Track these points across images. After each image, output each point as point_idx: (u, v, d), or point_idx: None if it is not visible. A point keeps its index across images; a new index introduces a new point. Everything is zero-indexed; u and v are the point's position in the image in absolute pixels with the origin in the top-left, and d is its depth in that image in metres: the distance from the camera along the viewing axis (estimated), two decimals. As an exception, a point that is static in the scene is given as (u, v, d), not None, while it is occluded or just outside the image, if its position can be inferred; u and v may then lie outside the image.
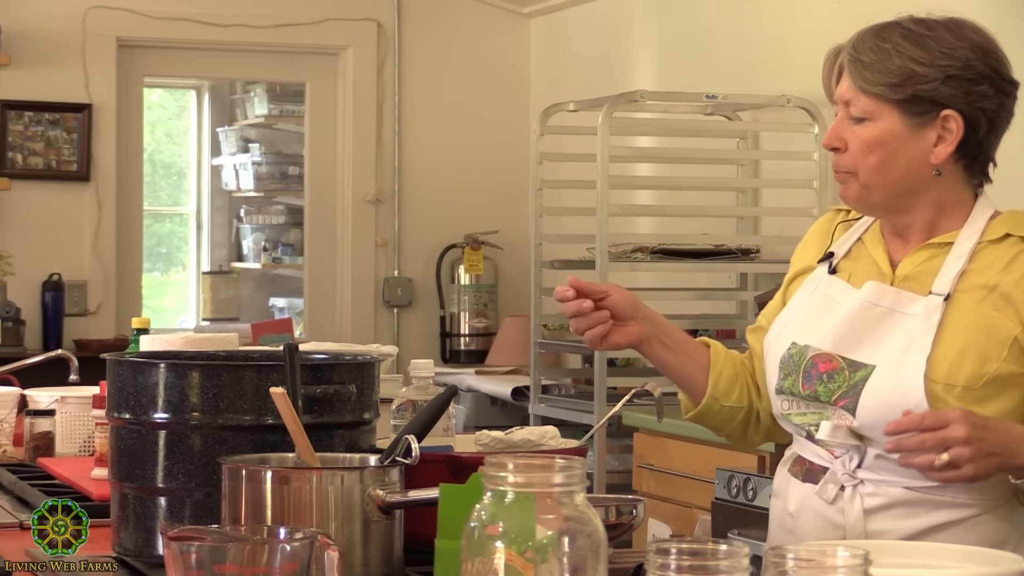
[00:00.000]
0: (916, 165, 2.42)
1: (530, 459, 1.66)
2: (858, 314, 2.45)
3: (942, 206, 2.46)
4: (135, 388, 2.44)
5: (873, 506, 2.40)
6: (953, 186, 2.45)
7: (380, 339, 7.38)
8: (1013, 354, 2.36)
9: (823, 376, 2.44)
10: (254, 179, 9.44)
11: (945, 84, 2.38)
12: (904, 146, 2.41)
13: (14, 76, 7.15)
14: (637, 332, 2.55)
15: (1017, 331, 2.36)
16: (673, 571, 1.50)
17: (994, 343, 2.36)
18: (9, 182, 7.12)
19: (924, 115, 2.40)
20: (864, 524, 2.39)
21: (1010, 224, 2.43)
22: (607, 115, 5.62)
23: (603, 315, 2.51)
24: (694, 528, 4.88)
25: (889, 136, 2.41)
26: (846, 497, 2.42)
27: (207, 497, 2.37)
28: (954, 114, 2.39)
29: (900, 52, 2.39)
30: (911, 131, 2.41)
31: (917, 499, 2.38)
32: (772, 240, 6.03)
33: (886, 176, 2.43)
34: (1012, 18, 4.63)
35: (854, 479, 2.42)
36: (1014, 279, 2.39)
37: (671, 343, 2.61)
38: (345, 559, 2.06)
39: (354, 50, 7.66)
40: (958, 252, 2.42)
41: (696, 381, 2.64)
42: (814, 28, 5.60)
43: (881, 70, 2.39)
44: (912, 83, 2.38)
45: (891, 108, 2.40)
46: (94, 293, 7.31)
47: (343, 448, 2.43)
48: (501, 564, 1.59)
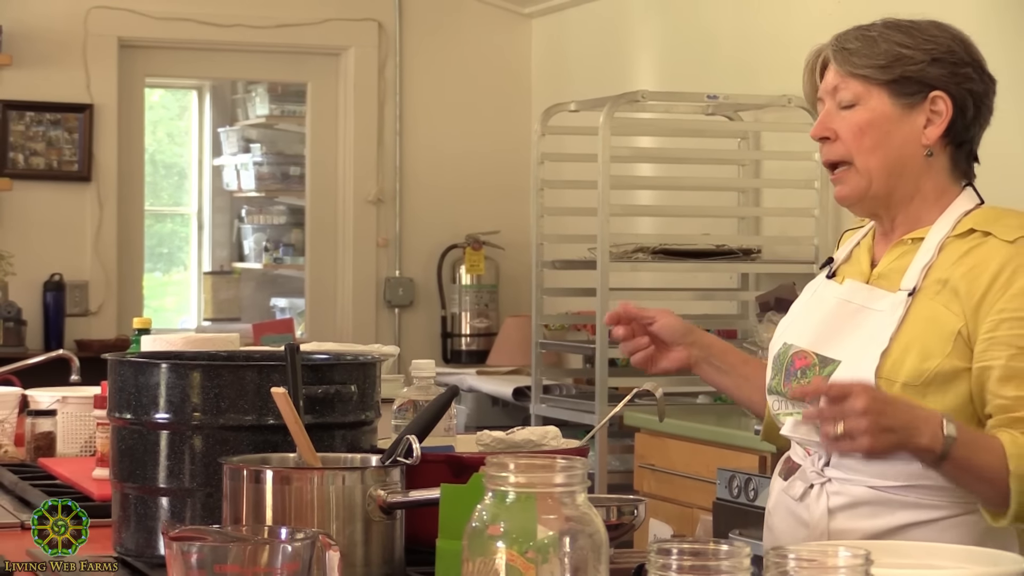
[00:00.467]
0: (909, 146, 2.43)
1: (531, 459, 1.66)
2: (833, 311, 2.48)
3: (926, 197, 2.45)
4: (136, 388, 2.44)
5: (837, 505, 2.40)
6: (939, 175, 2.46)
7: (381, 339, 7.38)
8: (957, 349, 2.34)
9: (798, 373, 2.46)
10: (255, 179, 9.45)
11: (932, 66, 2.41)
12: (896, 127, 2.43)
13: (15, 76, 7.15)
14: (684, 358, 2.62)
15: (960, 325, 2.34)
16: (674, 571, 1.50)
17: (938, 338, 2.35)
18: (10, 182, 7.13)
19: (913, 96, 2.42)
20: (828, 522, 2.40)
21: (977, 219, 2.42)
22: (608, 115, 5.62)
23: (642, 341, 2.60)
24: (695, 528, 4.88)
25: (880, 117, 2.43)
26: (812, 495, 2.43)
27: (208, 497, 2.37)
28: (942, 95, 2.41)
29: (886, 38, 2.43)
30: (901, 112, 2.42)
31: (881, 499, 2.37)
32: (773, 240, 6.03)
33: (883, 158, 2.44)
34: (1012, 18, 4.63)
35: (822, 477, 2.43)
36: (961, 272, 2.37)
37: (725, 366, 2.65)
38: (346, 559, 2.06)
39: (355, 50, 7.66)
40: (927, 247, 2.43)
41: (755, 402, 2.67)
42: (814, 28, 5.58)
43: (868, 54, 2.42)
44: (900, 64, 2.41)
45: (880, 90, 2.42)
46: (95, 293, 7.31)
47: (344, 448, 2.43)
48: (502, 564, 1.59)
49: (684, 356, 2.62)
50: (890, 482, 2.36)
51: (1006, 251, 2.36)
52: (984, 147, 2.51)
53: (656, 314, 2.60)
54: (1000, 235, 2.38)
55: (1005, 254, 2.36)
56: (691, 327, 2.64)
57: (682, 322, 2.62)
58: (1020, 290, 2.33)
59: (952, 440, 2.22)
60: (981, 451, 2.26)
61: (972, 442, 2.26)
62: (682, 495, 5.12)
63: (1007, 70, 2.46)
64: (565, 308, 6.54)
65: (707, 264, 5.85)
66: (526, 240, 6.63)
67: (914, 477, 2.34)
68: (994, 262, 2.36)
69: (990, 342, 2.32)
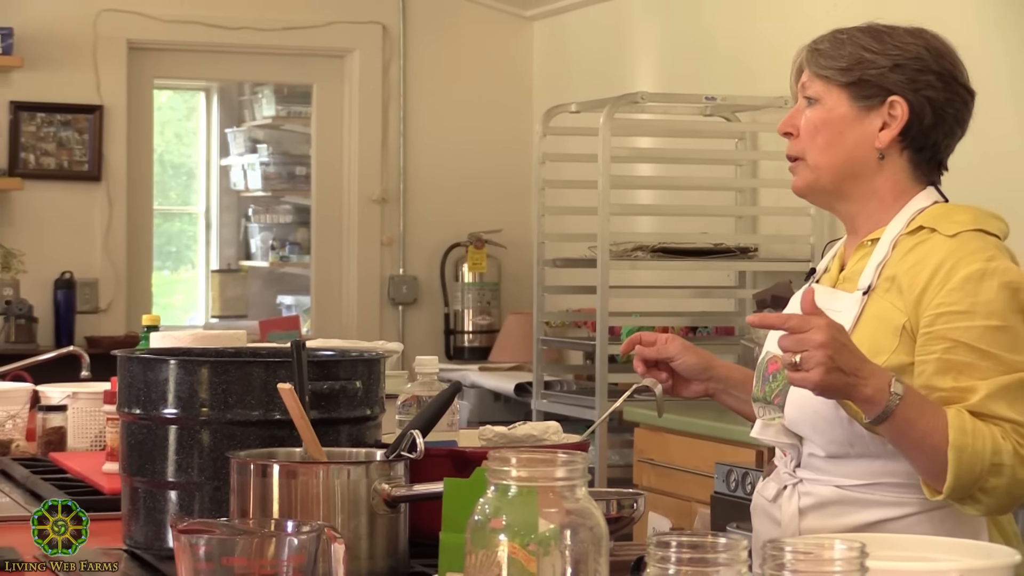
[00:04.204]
0: (861, 148, 2.45)
1: (533, 454, 1.66)
2: None
3: (883, 198, 2.46)
4: (145, 384, 2.44)
5: (807, 504, 2.42)
6: (896, 177, 2.46)
7: (385, 336, 7.38)
8: (904, 344, 2.35)
9: (771, 377, 2.48)
10: (262, 179, 9.45)
11: (892, 71, 2.42)
12: (850, 128, 2.44)
13: (27, 78, 7.15)
14: (702, 390, 2.65)
15: (904, 320, 2.35)
16: (673, 564, 1.50)
17: (886, 335, 2.36)
18: (22, 182, 7.13)
19: (871, 99, 2.43)
20: (799, 522, 2.41)
21: (927, 216, 2.43)
22: (608, 116, 5.62)
23: (662, 375, 2.61)
24: (693, 521, 4.88)
25: (836, 117, 2.45)
26: (785, 496, 2.45)
27: (216, 491, 2.37)
28: (899, 100, 2.42)
29: (854, 41, 2.45)
30: (858, 113, 2.44)
31: (847, 498, 2.38)
32: (770, 239, 6.03)
33: (833, 157, 2.45)
34: (1013, 18, 4.63)
35: (794, 478, 2.44)
36: (905, 268, 2.38)
37: (744, 395, 2.64)
38: (351, 552, 2.07)
39: (360, 53, 7.66)
40: (881, 245, 2.43)
41: None
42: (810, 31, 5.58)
43: (833, 55, 2.45)
44: (860, 67, 2.43)
45: (840, 91, 2.44)
46: (105, 291, 7.31)
47: (349, 443, 2.43)
48: (504, 557, 1.59)
49: (702, 389, 2.64)
50: (855, 481, 2.37)
51: (947, 246, 2.37)
52: (984, 147, 2.51)
53: (675, 353, 2.59)
54: (943, 231, 2.38)
55: (946, 249, 2.36)
56: (709, 362, 2.62)
57: (699, 358, 2.61)
58: (957, 284, 2.33)
59: (898, 398, 2.22)
60: (926, 416, 2.25)
61: (918, 406, 2.25)
62: (681, 489, 5.12)
63: (1007, 70, 2.45)
64: (566, 305, 6.54)
65: (705, 262, 5.85)
66: (527, 238, 6.63)
67: (877, 476, 2.36)
68: (935, 257, 2.36)
69: (928, 336, 2.33)
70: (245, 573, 1.77)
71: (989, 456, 2.25)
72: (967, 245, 2.36)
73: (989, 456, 2.25)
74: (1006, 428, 2.28)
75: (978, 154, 2.70)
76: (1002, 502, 2.30)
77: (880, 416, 2.23)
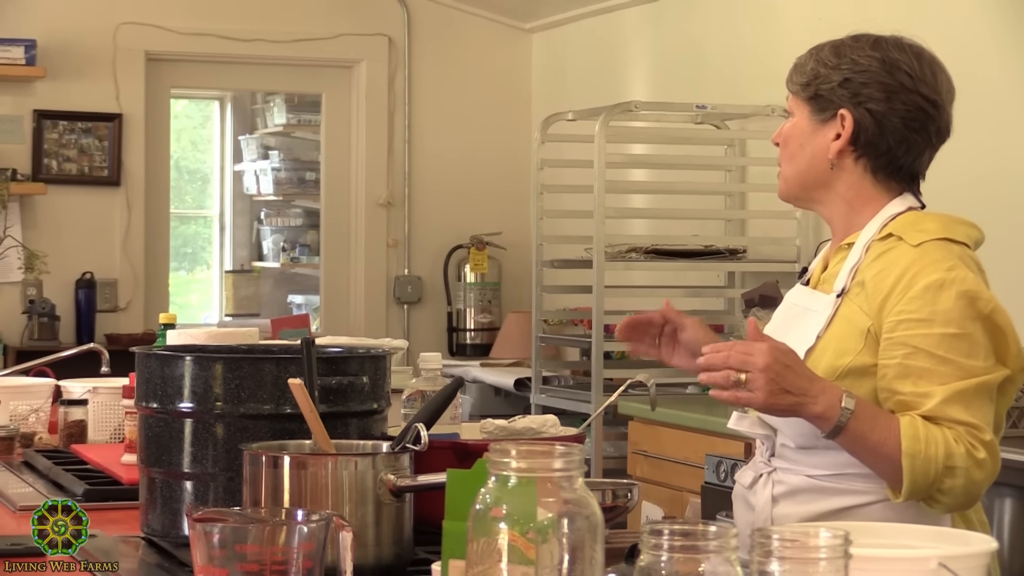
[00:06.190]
0: (817, 159, 2.49)
1: (532, 446, 1.66)
2: (783, 314, 2.54)
3: (852, 203, 2.48)
4: (162, 379, 2.44)
5: (780, 492, 2.43)
6: (858, 184, 2.48)
7: (391, 333, 7.38)
8: (868, 346, 2.36)
9: None
10: (273, 184, 9.44)
11: (841, 86, 2.45)
12: (808, 140, 2.49)
13: (49, 88, 7.15)
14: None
15: (869, 324, 2.36)
16: (666, 550, 1.50)
17: (852, 337, 2.37)
18: (45, 187, 7.12)
19: (825, 111, 2.47)
20: (772, 508, 2.43)
21: (897, 224, 2.44)
22: (603, 124, 5.62)
23: (652, 351, 2.66)
24: (685, 510, 4.88)
25: (798, 130, 2.51)
26: (760, 483, 2.47)
27: (230, 481, 2.37)
28: (846, 113, 2.45)
29: (818, 59, 2.49)
30: (815, 127, 2.48)
31: (817, 487, 2.40)
32: (758, 241, 6.03)
33: (796, 167, 2.51)
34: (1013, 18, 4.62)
35: (768, 467, 2.46)
36: (872, 274, 2.39)
37: None
38: (358, 539, 2.06)
39: (367, 63, 7.66)
40: (855, 249, 2.45)
41: None
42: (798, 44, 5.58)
43: (801, 71, 2.50)
44: (816, 83, 2.47)
45: (803, 105, 2.50)
46: (124, 290, 7.31)
47: (357, 435, 2.43)
48: (505, 544, 1.59)
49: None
50: (824, 471, 2.39)
51: (911, 255, 2.38)
52: (984, 147, 2.51)
53: (688, 324, 2.62)
54: (908, 240, 2.39)
55: (909, 258, 2.37)
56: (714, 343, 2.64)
57: (706, 336, 2.61)
58: (918, 293, 2.34)
59: (849, 412, 2.25)
60: (879, 427, 2.27)
61: (870, 418, 2.28)
62: (672, 479, 5.12)
63: (1007, 70, 2.45)
64: (563, 304, 6.54)
65: (696, 263, 5.85)
66: (527, 240, 6.63)
67: (843, 467, 2.37)
68: (899, 266, 2.37)
69: (889, 342, 2.34)
70: (257, 560, 1.77)
71: (942, 460, 2.27)
72: (929, 255, 2.37)
73: (942, 460, 2.27)
74: (960, 431, 2.29)
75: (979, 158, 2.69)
76: (960, 501, 2.32)
77: (834, 431, 2.27)
